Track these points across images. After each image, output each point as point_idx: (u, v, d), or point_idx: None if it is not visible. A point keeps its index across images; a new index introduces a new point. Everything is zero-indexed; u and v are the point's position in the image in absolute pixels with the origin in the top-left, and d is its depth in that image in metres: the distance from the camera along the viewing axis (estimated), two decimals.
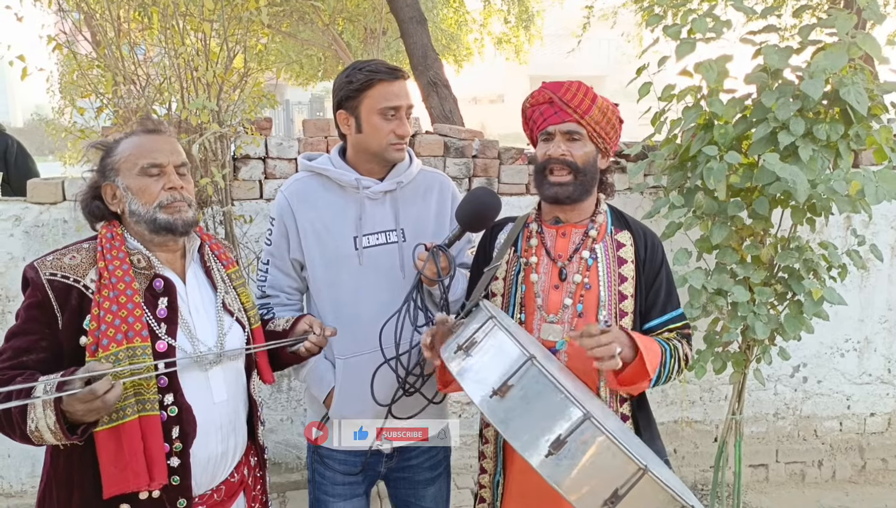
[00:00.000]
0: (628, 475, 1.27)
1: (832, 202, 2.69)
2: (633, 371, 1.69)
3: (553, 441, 1.28)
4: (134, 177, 1.61)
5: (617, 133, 1.88)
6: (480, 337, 1.46)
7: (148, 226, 1.61)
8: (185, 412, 1.58)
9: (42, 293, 1.52)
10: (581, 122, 1.79)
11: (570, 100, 1.79)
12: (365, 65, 1.92)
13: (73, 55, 2.78)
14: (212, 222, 3.03)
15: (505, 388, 1.34)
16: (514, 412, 1.33)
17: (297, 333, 1.83)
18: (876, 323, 3.86)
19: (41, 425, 1.39)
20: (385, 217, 1.98)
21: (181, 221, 1.62)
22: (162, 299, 1.61)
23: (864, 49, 2.55)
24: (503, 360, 1.39)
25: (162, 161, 1.62)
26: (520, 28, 11.42)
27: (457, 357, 1.48)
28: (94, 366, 1.41)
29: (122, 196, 1.62)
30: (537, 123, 1.84)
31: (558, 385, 1.31)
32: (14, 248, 3.16)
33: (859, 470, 4.00)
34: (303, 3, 7.88)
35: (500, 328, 1.44)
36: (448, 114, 5.09)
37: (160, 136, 1.68)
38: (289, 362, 1.91)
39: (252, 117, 2.97)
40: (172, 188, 1.62)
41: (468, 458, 3.66)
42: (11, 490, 3.35)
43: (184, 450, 1.57)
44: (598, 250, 1.84)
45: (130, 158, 1.62)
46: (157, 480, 1.50)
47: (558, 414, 1.30)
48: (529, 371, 1.35)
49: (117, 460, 1.47)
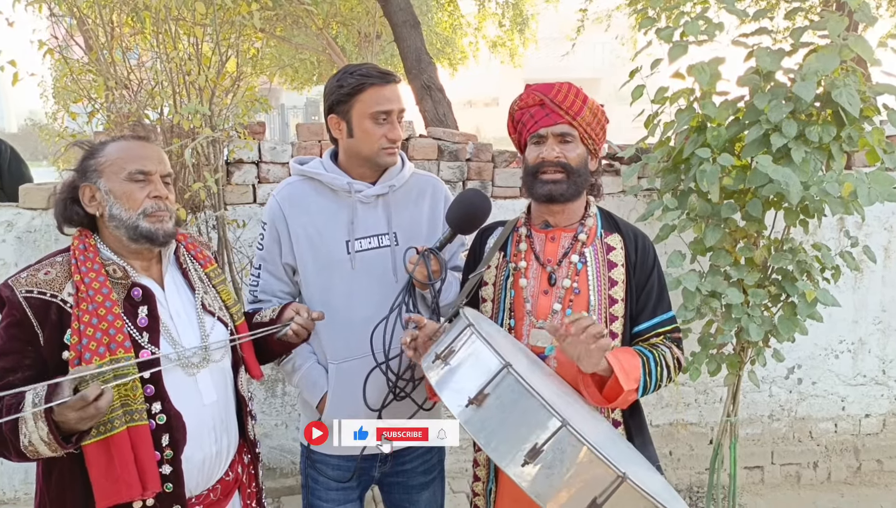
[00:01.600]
0: (607, 483, 1.24)
1: (825, 204, 2.70)
2: (613, 388, 1.66)
3: (529, 451, 1.25)
4: (119, 181, 1.59)
5: (604, 133, 1.87)
6: (458, 345, 1.43)
7: (128, 232, 1.59)
8: (174, 418, 1.57)
9: (20, 312, 1.50)
10: (573, 123, 1.77)
11: (561, 101, 1.77)
12: (356, 69, 1.91)
13: (66, 60, 2.77)
14: (205, 226, 3.02)
15: (481, 397, 1.32)
16: (491, 422, 1.31)
17: (284, 320, 1.81)
18: (870, 324, 3.87)
19: (34, 438, 1.38)
20: (377, 221, 1.98)
21: (162, 231, 1.61)
22: (141, 307, 1.59)
23: (855, 51, 2.56)
24: (480, 369, 1.37)
25: (150, 169, 1.61)
26: (514, 31, 11.44)
27: (435, 366, 1.45)
28: (80, 369, 1.40)
29: (103, 199, 1.59)
30: (527, 125, 1.81)
31: (534, 394, 1.29)
32: (6, 254, 3.15)
33: (854, 472, 4.00)
34: (296, 8, 7.88)
35: (477, 336, 1.41)
36: (442, 117, 5.09)
37: (149, 144, 1.67)
38: (279, 351, 1.90)
39: (245, 122, 2.96)
40: (157, 197, 1.61)
41: (464, 462, 3.65)
42: (4, 498, 3.33)
43: (175, 457, 1.57)
44: (588, 254, 1.82)
45: (118, 162, 1.60)
46: (150, 489, 1.50)
47: (535, 423, 1.28)
48: (505, 380, 1.32)
49: (108, 472, 1.46)
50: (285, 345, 1.86)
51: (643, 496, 1.25)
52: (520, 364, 1.38)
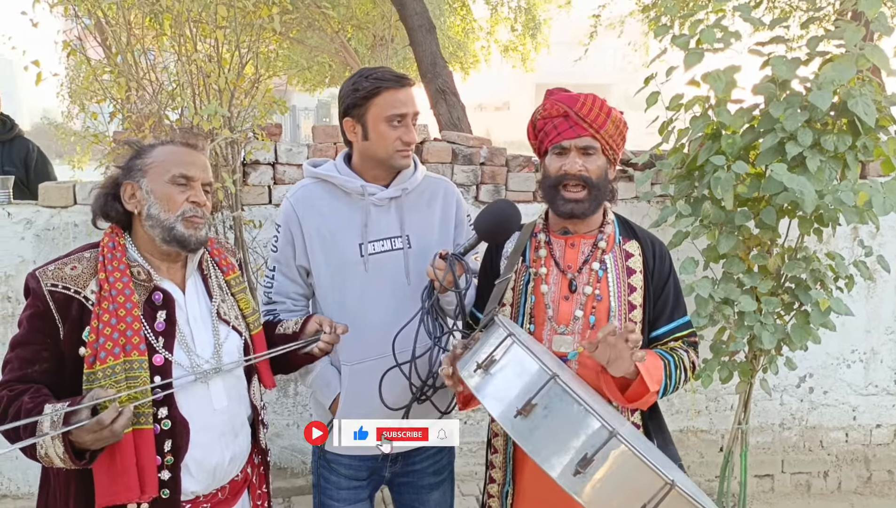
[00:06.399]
0: (655, 490, 1.27)
1: (839, 213, 2.70)
2: (636, 389, 1.69)
3: (580, 460, 1.27)
4: (162, 183, 1.61)
5: (624, 142, 1.88)
6: (499, 355, 1.45)
7: (162, 233, 1.61)
8: (179, 425, 1.59)
9: (43, 304, 1.54)
10: (597, 136, 1.78)
11: (586, 114, 1.77)
12: (371, 72, 1.92)
13: (87, 60, 2.81)
14: (221, 226, 3.05)
15: (529, 407, 1.34)
16: (539, 430, 1.33)
17: (308, 333, 1.83)
18: (882, 334, 3.85)
19: (50, 452, 1.41)
20: (390, 224, 1.99)
21: (195, 238, 1.63)
22: (160, 312, 1.61)
23: (872, 61, 2.56)
24: (524, 377, 1.39)
25: (193, 175, 1.64)
26: (526, 36, 11.46)
27: (476, 375, 1.47)
28: (98, 393, 1.43)
29: (143, 198, 1.62)
30: (549, 135, 1.82)
31: (583, 403, 1.31)
32: (25, 251, 3.19)
33: (865, 482, 3.98)
34: (312, 11, 7.93)
35: (518, 345, 1.44)
36: (456, 121, 5.11)
37: (196, 151, 1.69)
38: (301, 363, 1.91)
39: (262, 123, 2.99)
40: (196, 203, 1.63)
41: (473, 465, 3.66)
42: (19, 493, 3.36)
43: (175, 464, 1.58)
44: (608, 260, 1.84)
45: (164, 165, 1.63)
46: (148, 493, 1.51)
47: (583, 430, 1.30)
48: (553, 389, 1.34)
49: (110, 471, 1.49)
50: (307, 358, 1.88)
51: (690, 501, 1.27)
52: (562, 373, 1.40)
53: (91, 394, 1.43)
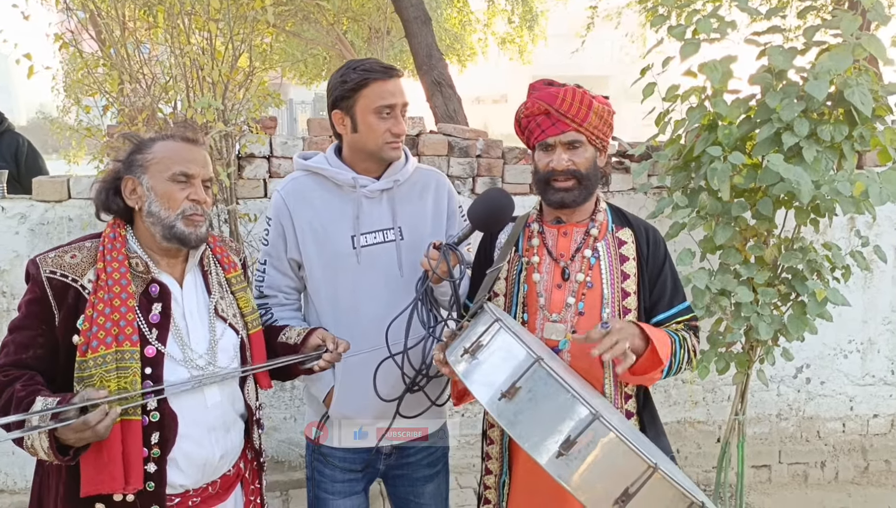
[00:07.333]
0: (638, 473, 1.27)
1: (836, 203, 2.69)
2: (645, 362, 1.69)
3: (563, 442, 1.28)
4: (162, 180, 1.61)
5: (611, 129, 1.87)
6: (486, 340, 1.46)
7: (163, 230, 1.61)
8: (168, 418, 1.58)
9: (41, 290, 1.55)
10: (580, 129, 1.78)
11: (567, 110, 1.77)
12: (359, 64, 1.91)
13: (80, 53, 2.79)
14: (217, 220, 3.04)
15: (513, 390, 1.35)
16: (523, 414, 1.34)
17: (310, 347, 1.82)
18: (879, 324, 3.85)
19: (36, 444, 1.43)
20: (382, 216, 1.98)
21: (195, 235, 1.63)
22: (156, 304, 1.62)
23: (868, 50, 2.55)
24: (510, 362, 1.40)
25: (194, 172, 1.63)
26: (523, 28, 11.43)
27: (463, 360, 1.48)
28: (90, 394, 1.44)
29: (143, 194, 1.61)
30: (534, 133, 1.83)
31: (566, 386, 1.32)
32: (19, 246, 3.18)
33: (862, 472, 3.99)
34: (307, 3, 7.89)
35: (505, 330, 1.44)
36: (452, 113, 5.10)
37: (197, 147, 1.68)
38: (300, 374, 1.90)
39: (257, 116, 2.98)
40: (196, 200, 1.62)
41: (471, 457, 3.67)
42: (16, 487, 3.36)
43: (161, 457, 1.58)
44: (600, 248, 1.85)
45: (164, 162, 1.62)
46: (132, 485, 1.51)
47: (567, 414, 1.31)
48: (537, 373, 1.35)
49: (96, 461, 1.49)
50: (308, 370, 1.87)
51: (673, 485, 1.28)
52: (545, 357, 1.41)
53: (82, 394, 1.44)
